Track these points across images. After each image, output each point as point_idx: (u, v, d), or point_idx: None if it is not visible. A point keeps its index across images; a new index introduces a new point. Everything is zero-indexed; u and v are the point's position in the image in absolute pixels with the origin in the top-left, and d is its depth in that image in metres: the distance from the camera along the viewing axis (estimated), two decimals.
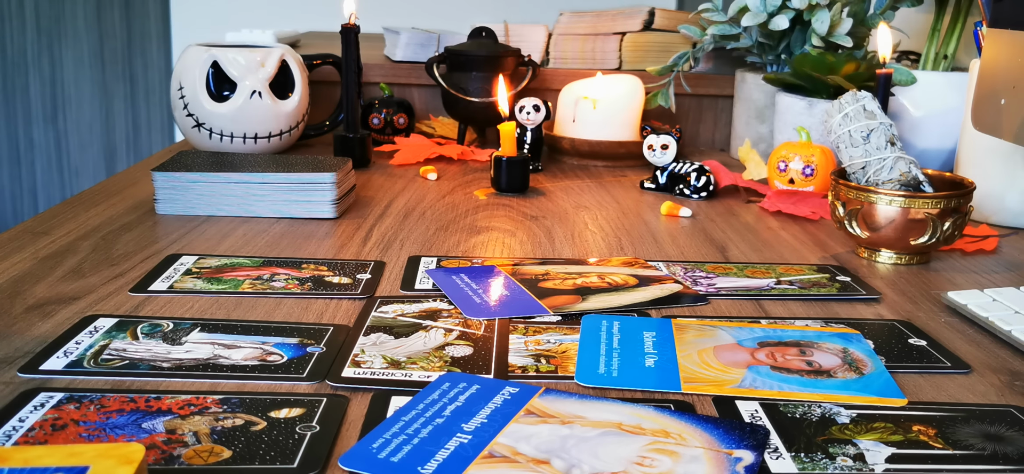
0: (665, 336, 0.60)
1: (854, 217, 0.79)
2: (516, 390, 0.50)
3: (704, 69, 1.39)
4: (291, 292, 0.66)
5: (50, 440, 0.44)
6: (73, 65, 2.88)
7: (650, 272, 0.74)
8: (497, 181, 1.01)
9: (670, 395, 0.52)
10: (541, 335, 0.60)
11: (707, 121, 1.40)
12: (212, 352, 0.55)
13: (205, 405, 0.48)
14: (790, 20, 1.13)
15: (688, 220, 0.93)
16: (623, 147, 1.18)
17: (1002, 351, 0.60)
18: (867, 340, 0.60)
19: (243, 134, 1.10)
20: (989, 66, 0.80)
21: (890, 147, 0.81)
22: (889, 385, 0.53)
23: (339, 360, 0.54)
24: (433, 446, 0.44)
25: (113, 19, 2.88)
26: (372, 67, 1.36)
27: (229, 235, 0.81)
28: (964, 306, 0.66)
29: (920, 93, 1.06)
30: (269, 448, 0.44)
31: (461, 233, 0.85)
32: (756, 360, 0.56)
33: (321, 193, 0.87)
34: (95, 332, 0.57)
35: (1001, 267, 0.81)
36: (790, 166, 0.98)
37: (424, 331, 0.60)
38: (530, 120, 1.13)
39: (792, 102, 1.12)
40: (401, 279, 0.71)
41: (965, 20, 1.07)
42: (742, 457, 0.44)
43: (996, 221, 0.94)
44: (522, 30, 1.40)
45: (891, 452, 0.45)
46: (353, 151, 1.11)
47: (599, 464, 0.43)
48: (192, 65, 1.10)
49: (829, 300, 0.69)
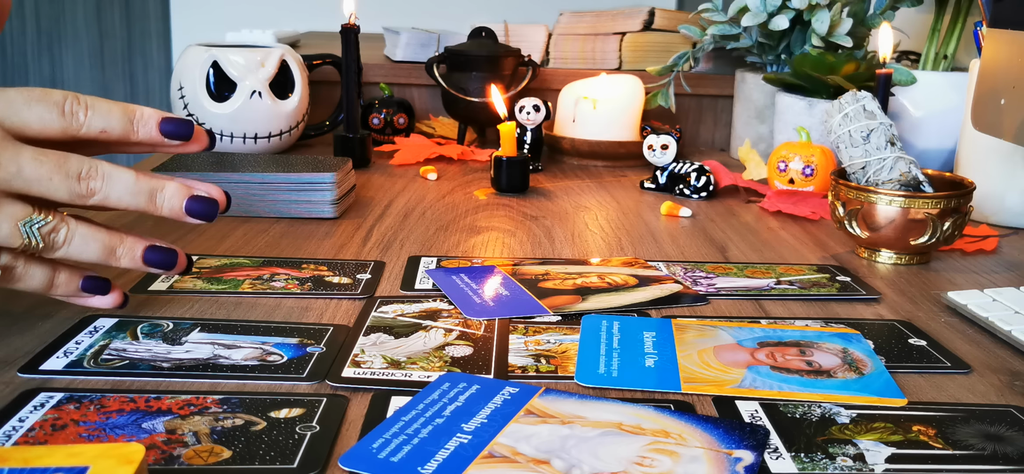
0: (665, 336, 0.60)
1: (854, 217, 0.79)
2: (516, 390, 0.50)
3: (704, 69, 1.39)
4: (291, 292, 0.66)
5: (50, 440, 0.44)
6: (73, 65, 2.88)
7: (650, 272, 0.74)
8: (497, 181, 1.01)
9: (670, 395, 0.52)
10: (541, 335, 0.60)
11: (707, 121, 1.40)
12: (212, 352, 0.55)
13: (205, 405, 0.48)
14: (790, 20, 1.13)
15: (688, 220, 0.93)
16: (623, 147, 1.18)
17: (1002, 351, 0.60)
18: (867, 340, 0.60)
19: (243, 134, 1.10)
20: (989, 66, 0.80)
21: (890, 147, 0.81)
22: (889, 385, 0.53)
23: (339, 360, 0.54)
24: (433, 446, 0.44)
25: (113, 19, 2.88)
26: (372, 67, 1.36)
27: (229, 235, 0.81)
28: (964, 306, 0.66)
29: (920, 93, 1.06)
30: (269, 448, 0.44)
31: (461, 233, 0.85)
32: (756, 360, 0.56)
33: (321, 193, 0.87)
34: (95, 332, 0.57)
35: (1001, 267, 0.81)
36: (790, 166, 0.98)
37: (424, 331, 0.60)
38: (530, 120, 1.13)
39: (792, 102, 1.12)
40: (401, 279, 0.71)
41: (965, 20, 1.07)
42: (742, 457, 0.44)
43: (996, 221, 0.94)
44: (522, 30, 1.40)
45: (891, 452, 0.45)
46: (353, 151, 1.11)
47: (599, 464, 0.43)
48: (192, 65, 1.10)
49: (829, 300, 0.69)
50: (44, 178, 0.53)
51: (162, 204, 0.56)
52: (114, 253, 0.56)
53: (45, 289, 0.57)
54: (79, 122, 0.54)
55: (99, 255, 0.56)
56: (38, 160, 0.53)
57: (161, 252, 0.58)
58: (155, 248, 0.58)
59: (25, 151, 0.52)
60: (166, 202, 0.56)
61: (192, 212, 0.57)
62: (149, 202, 0.56)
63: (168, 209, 0.56)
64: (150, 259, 0.58)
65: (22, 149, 0.53)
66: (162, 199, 0.56)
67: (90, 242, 0.55)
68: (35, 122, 0.54)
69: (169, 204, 0.56)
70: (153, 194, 0.56)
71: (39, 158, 0.53)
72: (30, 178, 0.52)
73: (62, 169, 0.53)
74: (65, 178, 0.53)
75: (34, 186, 0.53)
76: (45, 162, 0.53)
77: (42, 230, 0.54)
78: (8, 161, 0.52)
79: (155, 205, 0.56)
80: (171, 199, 0.56)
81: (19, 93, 0.54)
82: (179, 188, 0.57)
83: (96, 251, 0.56)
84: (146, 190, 0.56)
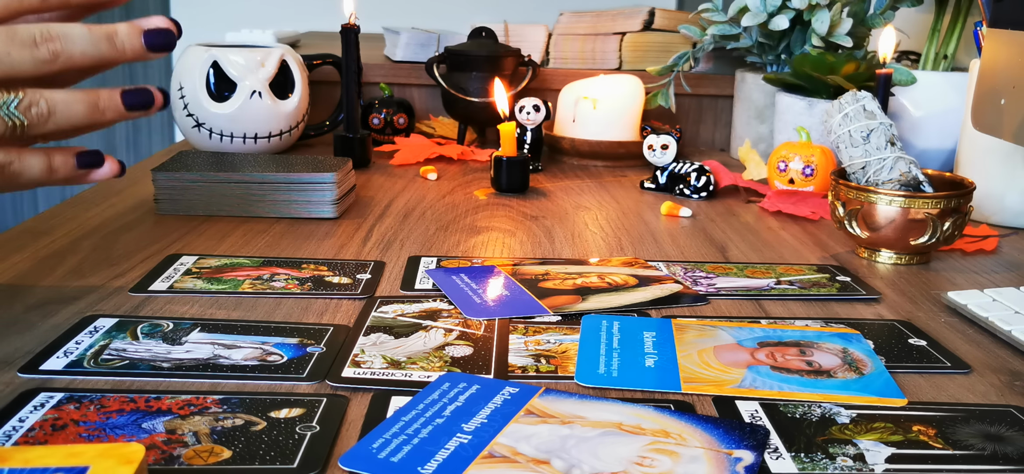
0: (665, 336, 0.60)
1: (854, 217, 0.79)
2: (516, 390, 0.50)
3: (704, 69, 1.39)
4: (291, 292, 0.66)
5: (50, 440, 0.44)
6: None
7: (650, 272, 0.74)
8: (497, 181, 1.01)
9: (670, 395, 0.52)
10: (541, 335, 0.60)
11: (707, 121, 1.40)
12: (212, 352, 0.55)
13: (205, 405, 0.48)
14: (790, 20, 1.13)
15: (688, 220, 0.93)
16: (623, 147, 1.18)
17: (1002, 351, 0.60)
18: (867, 340, 0.60)
19: (243, 134, 1.10)
20: (989, 66, 0.80)
21: (890, 147, 0.81)
22: (889, 385, 0.53)
23: (339, 360, 0.54)
24: (433, 446, 0.44)
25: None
26: (372, 67, 1.36)
27: (229, 235, 0.81)
28: (964, 306, 0.66)
29: (920, 93, 1.06)
30: (269, 448, 0.44)
31: (461, 233, 0.85)
32: (756, 360, 0.56)
33: (321, 193, 0.87)
34: (95, 332, 0.57)
35: (1001, 267, 0.81)
36: (790, 166, 0.98)
37: (424, 331, 0.60)
38: (530, 120, 1.13)
39: (792, 102, 1.12)
40: (401, 279, 0.71)
41: (965, 20, 1.07)
42: (742, 457, 0.44)
43: (996, 221, 0.94)
44: (522, 30, 1.40)
45: (891, 452, 0.46)
46: (353, 151, 1.11)
47: (599, 464, 0.43)
48: (192, 65, 1.10)
49: (829, 300, 0.69)
50: (2, 55, 0.52)
51: (124, 45, 0.56)
52: (98, 107, 0.56)
53: (45, 177, 0.57)
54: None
55: (85, 114, 0.55)
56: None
57: (137, 93, 0.58)
58: (130, 91, 0.58)
59: None
60: (127, 42, 0.56)
61: (152, 45, 0.57)
62: (110, 46, 0.55)
63: (130, 48, 0.56)
64: (129, 102, 0.57)
65: None
66: (121, 41, 0.56)
67: (73, 104, 0.55)
68: None
69: (129, 43, 0.56)
70: (111, 38, 0.56)
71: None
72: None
73: (16, 39, 0.52)
74: (22, 47, 0.53)
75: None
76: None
77: (20, 107, 0.53)
78: None
79: (115, 48, 0.56)
80: (130, 37, 0.56)
81: None
82: (132, 26, 0.56)
83: (82, 111, 0.55)
84: (103, 34, 0.55)
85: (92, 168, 0.59)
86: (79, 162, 0.58)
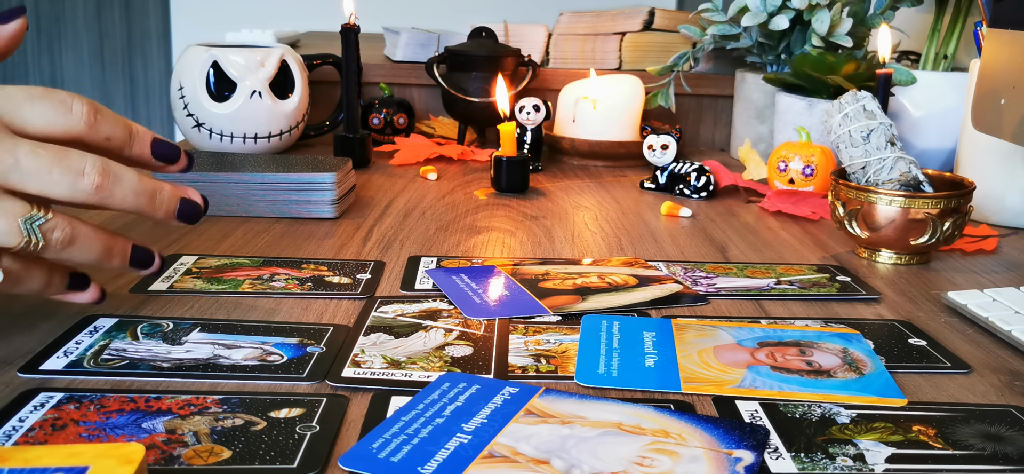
0: (665, 336, 0.60)
1: (854, 217, 0.79)
2: (516, 390, 0.50)
3: (704, 69, 1.39)
4: (291, 292, 0.66)
5: (50, 440, 0.44)
6: (73, 65, 2.88)
7: (650, 272, 0.74)
8: (497, 181, 1.01)
9: (670, 395, 0.52)
10: (541, 335, 0.60)
11: (707, 121, 1.40)
12: (212, 352, 0.55)
13: (205, 405, 0.48)
14: (790, 20, 1.13)
15: (688, 220, 0.93)
16: (623, 147, 1.18)
17: (1002, 351, 0.60)
18: (867, 340, 0.60)
19: (243, 134, 1.10)
20: (989, 66, 0.80)
21: (890, 147, 0.81)
22: (889, 385, 0.53)
23: (339, 360, 0.54)
24: (433, 446, 0.44)
25: (113, 19, 2.88)
26: (372, 67, 1.36)
27: (229, 235, 0.81)
28: (964, 306, 0.66)
29: (920, 93, 1.07)
30: (269, 448, 0.44)
31: (461, 233, 0.85)
32: (756, 360, 0.56)
33: (321, 193, 0.87)
34: (95, 332, 0.57)
35: (1001, 267, 0.81)
36: (790, 166, 0.98)
37: (424, 331, 0.60)
38: (530, 120, 1.13)
39: (792, 102, 1.12)
40: (401, 279, 0.71)
41: (965, 20, 1.07)
42: (742, 457, 0.44)
43: (996, 221, 0.94)
44: (522, 30, 1.40)
45: (891, 452, 0.46)
46: (353, 151, 1.11)
47: (599, 464, 0.43)
48: (192, 65, 1.10)
49: (829, 300, 0.69)
50: (42, 171, 0.51)
51: (160, 206, 0.56)
52: (110, 254, 0.56)
53: (40, 292, 0.56)
54: (90, 122, 0.53)
55: (97, 257, 0.55)
56: (36, 153, 0.51)
57: (144, 251, 0.58)
58: (139, 249, 0.58)
59: (23, 143, 0.51)
60: (163, 204, 0.56)
61: (181, 213, 0.57)
62: (148, 203, 0.55)
63: (164, 211, 0.57)
64: (136, 258, 0.58)
65: (19, 141, 0.51)
66: (160, 201, 0.56)
67: (92, 244, 0.54)
68: (37, 119, 0.52)
69: (166, 206, 0.57)
70: (153, 195, 0.56)
71: (37, 150, 0.51)
72: (28, 171, 0.50)
73: (62, 163, 0.51)
74: (65, 172, 0.51)
75: (32, 180, 0.51)
76: (43, 155, 0.51)
77: (43, 227, 0.52)
78: (5, 153, 0.50)
79: (154, 206, 0.56)
80: (168, 201, 0.56)
81: (20, 90, 0.52)
82: (173, 191, 0.57)
83: (96, 252, 0.55)
84: (148, 191, 0.55)
85: (77, 291, 0.59)
86: (70, 284, 0.58)
